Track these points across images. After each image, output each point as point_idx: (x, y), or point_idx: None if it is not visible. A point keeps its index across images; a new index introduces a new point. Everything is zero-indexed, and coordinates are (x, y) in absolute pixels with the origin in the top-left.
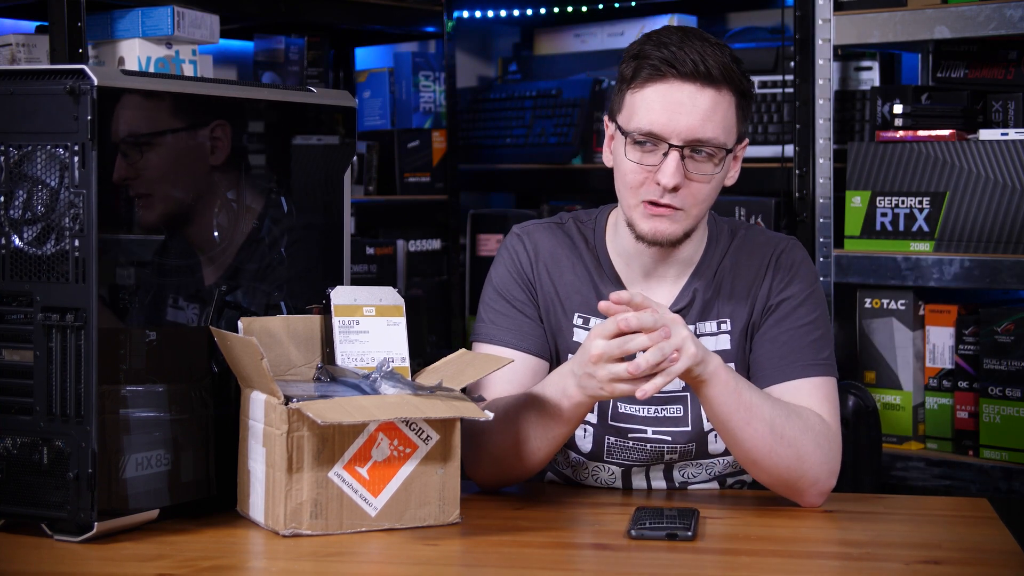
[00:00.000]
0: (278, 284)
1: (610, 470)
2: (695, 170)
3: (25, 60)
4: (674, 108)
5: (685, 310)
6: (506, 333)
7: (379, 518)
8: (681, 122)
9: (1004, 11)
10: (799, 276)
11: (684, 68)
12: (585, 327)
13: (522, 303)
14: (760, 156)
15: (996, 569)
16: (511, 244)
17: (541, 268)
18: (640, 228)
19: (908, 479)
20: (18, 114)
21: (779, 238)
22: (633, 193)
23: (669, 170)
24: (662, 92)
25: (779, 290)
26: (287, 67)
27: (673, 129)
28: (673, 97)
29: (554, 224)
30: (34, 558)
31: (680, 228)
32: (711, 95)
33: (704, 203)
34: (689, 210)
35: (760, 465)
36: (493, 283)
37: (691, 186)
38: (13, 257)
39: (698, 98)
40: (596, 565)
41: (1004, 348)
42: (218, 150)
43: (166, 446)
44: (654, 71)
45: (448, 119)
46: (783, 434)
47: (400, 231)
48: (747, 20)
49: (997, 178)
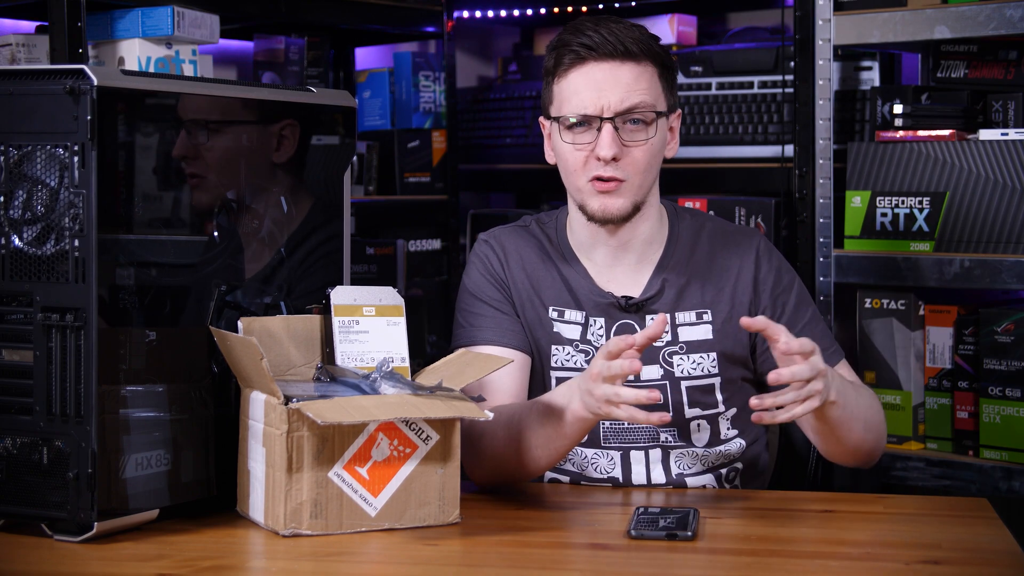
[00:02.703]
0: (309, 289)
1: (609, 456)
2: (630, 138)
3: (25, 60)
4: (599, 86)
5: (655, 299)
6: (487, 332)
7: (379, 518)
8: (608, 97)
9: (1004, 11)
10: (784, 271)
11: (603, 49)
12: (561, 319)
13: (498, 301)
14: (760, 156)
15: (996, 569)
16: (480, 250)
17: (513, 266)
18: (591, 207)
19: (908, 479)
20: (18, 114)
21: (750, 231)
22: (577, 175)
23: (606, 141)
24: (585, 74)
25: (770, 288)
26: (287, 67)
27: (603, 104)
28: (596, 76)
29: (518, 227)
30: (34, 558)
31: (628, 201)
32: (632, 67)
33: (646, 171)
34: (632, 179)
35: (851, 456)
36: (467, 289)
37: (630, 154)
38: (13, 257)
39: (620, 72)
40: (596, 565)
41: (1004, 348)
42: (283, 148)
43: (166, 446)
44: (575, 56)
45: (448, 119)
46: (871, 424)
47: (400, 231)
48: (747, 20)
49: (997, 178)
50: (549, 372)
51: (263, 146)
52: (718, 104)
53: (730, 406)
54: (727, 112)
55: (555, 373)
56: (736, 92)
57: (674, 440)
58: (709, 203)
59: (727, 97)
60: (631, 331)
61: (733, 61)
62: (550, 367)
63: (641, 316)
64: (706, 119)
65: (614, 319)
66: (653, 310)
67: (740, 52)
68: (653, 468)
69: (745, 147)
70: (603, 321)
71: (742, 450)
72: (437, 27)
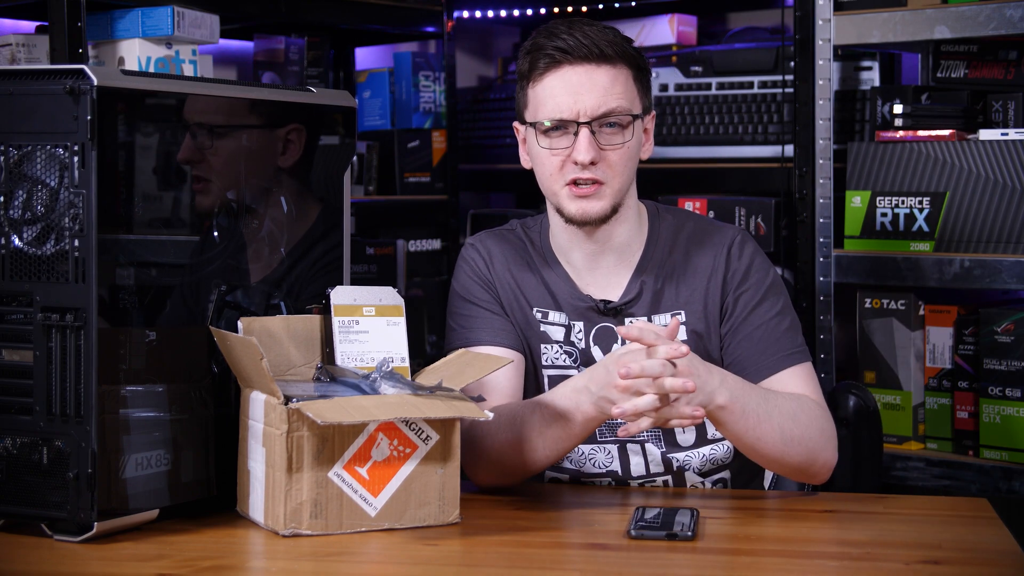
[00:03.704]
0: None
1: (607, 450)
2: (606, 142)
3: (25, 60)
4: (575, 90)
5: (633, 302)
6: (481, 333)
7: (379, 518)
8: (585, 101)
9: (1004, 11)
10: (755, 268)
11: (578, 52)
12: (545, 320)
13: (487, 302)
14: (760, 156)
15: (996, 569)
16: (467, 254)
17: (498, 268)
18: (569, 210)
19: (908, 479)
20: (18, 114)
21: (728, 229)
22: (554, 179)
23: (583, 146)
24: (561, 78)
25: (735, 285)
26: (287, 67)
27: (579, 109)
28: (572, 80)
29: (504, 231)
30: (34, 558)
31: (607, 203)
32: (608, 71)
33: (623, 174)
34: (611, 182)
35: (774, 464)
36: (457, 292)
37: (607, 157)
38: (13, 257)
39: (596, 76)
40: (596, 565)
41: (1004, 348)
42: (289, 152)
43: (166, 446)
44: (550, 60)
45: (448, 119)
46: (792, 436)
47: (400, 231)
48: (747, 20)
49: (997, 178)
50: (541, 371)
51: (269, 150)
52: (718, 104)
53: None
54: (727, 112)
55: (547, 371)
56: (736, 92)
57: (660, 442)
58: (709, 203)
59: (727, 97)
60: (611, 335)
61: (733, 61)
62: (542, 365)
63: (620, 320)
64: (706, 119)
65: (593, 323)
66: (631, 313)
67: (740, 52)
68: (651, 460)
69: (745, 147)
70: (582, 325)
71: (731, 454)
72: (437, 27)
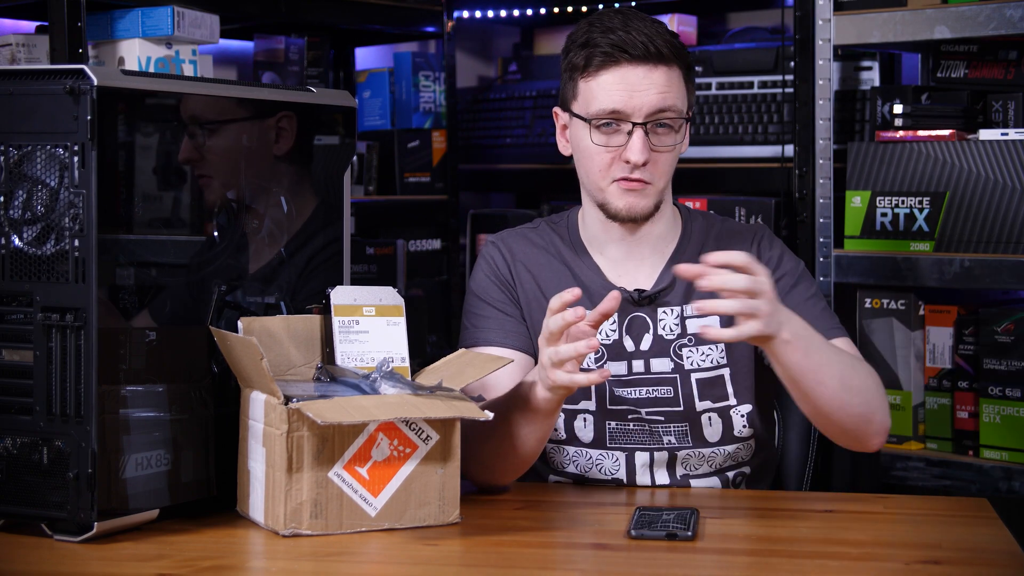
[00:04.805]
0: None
1: (614, 457)
2: (659, 143)
3: (25, 60)
4: (632, 89)
5: (667, 291)
6: (489, 333)
7: (379, 518)
8: (641, 100)
9: (1004, 11)
10: (786, 257)
11: (636, 51)
12: None
13: (503, 303)
14: (760, 156)
15: (996, 569)
16: (487, 252)
17: (519, 268)
18: (615, 206)
19: (908, 479)
20: (18, 114)
21: (754, 226)
22: (603, 175)
23: (636, 147)
24: (618, 76)
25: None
26: (287, 67)
27: (635, 107)
28: (629, 79)
29: (527, 229)
30: (34, 558)
31: (652, 201)
32: (664, 71)
33: (668, 174)
34: (657, 182)
35: (832, 419)
36: (472, 291)
37: (657, 159)
38: (13, 257)
39: (653, 76)
40: (596, 565)
41: (1004, 348)
42: (282, 140)
43: (166, 446)
44: (607, 57)
45: (448, 119)
46: (852, 385)
47: (400, 231)
48: (747, 20)
49: (997, 178)
50: None
51: (263, 140)
52: (718, 104)
53: (743, 401)
54: (727, 112)
55: None
56: (736, 92)
57: (686, 437)
58: (709, 203)
59: (727, 97)
60: (643, 325)
61: (733, 61)
62: None
63: (653, 309)
64: (706, 119)
65: (626, 313)
66: (666, 302)
67: (740, 52)
68: (657, 471)
69: (745, 147)
70: (615, 316)
71: (752, 453)
72: (437, 27)
